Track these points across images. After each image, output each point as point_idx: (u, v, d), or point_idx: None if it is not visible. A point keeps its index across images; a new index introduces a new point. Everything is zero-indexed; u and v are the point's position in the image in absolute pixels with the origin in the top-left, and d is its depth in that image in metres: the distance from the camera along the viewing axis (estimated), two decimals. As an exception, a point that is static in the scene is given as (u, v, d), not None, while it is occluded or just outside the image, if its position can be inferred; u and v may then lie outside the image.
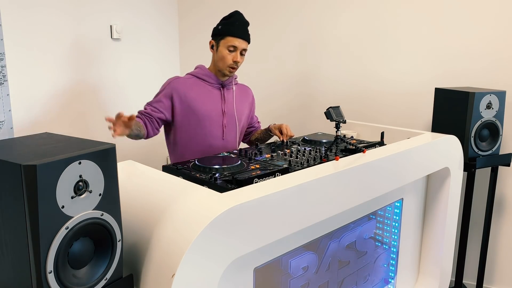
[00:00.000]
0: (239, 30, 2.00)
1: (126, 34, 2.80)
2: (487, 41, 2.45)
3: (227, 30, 2.00)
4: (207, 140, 2.05)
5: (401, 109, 2.72)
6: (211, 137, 2.06)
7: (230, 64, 2.01)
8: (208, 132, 2.05)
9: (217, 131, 2.07)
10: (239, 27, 2.00)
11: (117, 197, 1.08)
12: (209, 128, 2.04)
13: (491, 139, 2.29)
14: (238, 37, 1.99)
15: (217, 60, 2.04)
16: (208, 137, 2.05)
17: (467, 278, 2.65)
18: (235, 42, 1.99)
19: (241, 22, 2.03)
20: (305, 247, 1.50)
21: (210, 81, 2.07)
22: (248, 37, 2.05)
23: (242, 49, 2.01)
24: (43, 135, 1.18)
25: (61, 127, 2.45)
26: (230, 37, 1.99)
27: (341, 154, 1.76)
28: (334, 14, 2.81)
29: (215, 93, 2.08)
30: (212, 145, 2.06)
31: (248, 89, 2.29)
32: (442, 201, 2.08)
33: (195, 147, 2.04)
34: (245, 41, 2.02)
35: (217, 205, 1.12)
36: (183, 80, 2.05)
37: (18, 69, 2.21)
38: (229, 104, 2.11)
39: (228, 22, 2.02)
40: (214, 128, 2.06)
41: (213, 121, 2.05)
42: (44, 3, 2.31)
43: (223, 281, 1.18)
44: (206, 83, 2.07)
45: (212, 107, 2.05)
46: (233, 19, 2.02)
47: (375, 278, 1.92)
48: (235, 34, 1.99)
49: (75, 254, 1.00)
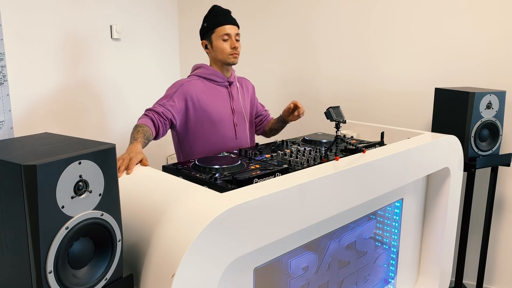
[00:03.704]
0: (225, 18, 1.99)
1: (126, 34, 2.80)
2: (487, 41, 2.45)
3: (214, 23, 1.98)
4: (222, 143, 2.01)
5: (401, 109, 2.72)
6: (225, 138, 2.02)
7: (230, 52, 1.98)
8: (222, 134, 2.01)
9: (230, 131, 2.04)
10: (223, 16, 1.99)
11: (117, 197, 1.07)
12: (222, 130, 2.01)
13: (491, 139, 2.29)
14: (226, 24, 1.97)
15: (216, 55, 2.01)
16: (222, 139, 2.02)
17: (467, 278, 2.65)
18: (226, 30, 1.97)
19: (223, 11, 2.01)
20: (305, 247, 1.50)
21: (218, 80, 2.04)
22: (236, 22, 2.03)
23: (235, 34, 1.99)
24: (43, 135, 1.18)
25: (61, 127, 2.45)
26: (219, 27, 1.97)
27: (341, 154, 1.76)
28: (334, 13, 2.81)
29: (223, 92, 2.05)
30: (226, 146, 2.02)
31: (247, 80, 2.26)
32: (442, 201, 2.08)
33: (209, 151, 1.97)
34: (235, 26, 2.01)
35: (217, 205, 1.12)
36: (194, 84, 1.98)
37: (18, 69, 2.21)
38: (236, 101, 2.09)
39: (210, 16, 2.01)
40: (227, 130, 2.03)
41: (226, 122, 2.02)
42: (44, 3, 2.31)
43: (223, 281, 1.18)
44: (214, 83, 2.04)
45: (223, 108, 2.02)
46: (214, 12, 2.01)
47: (375, 278, 1.92)
48: (223, 23, 1.97)
49: (75, 254, 1.00)
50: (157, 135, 1.83)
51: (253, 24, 3.05)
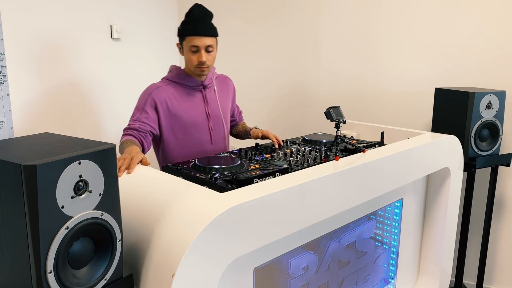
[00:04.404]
0: (198, 27, 1.83)
1: (126, 34, 2.80)
2: (487, 41, 2.45)
3: (186, 30, 1.85)
4: (196, 148, 1.95)
5: (401, 109, 2.71)
6: (199, 143, 1.96)
7: (196, 65, 1.86)
8: (196, 139, 1.95)
9: (204, 136, 1.97)
10: (197, 24, 1.83)
11: (117, 197, 1.08)
12: (197, 135, 1.95)
13: (491, 139, 2.29)
14: (197, 35, 1.82)
15: (185, 63, 1.92)
16: (196, 144, 1.95)
17: (467, 278, 2.65)
18: (195, 42, 1.82)
19: (198, 17, 1.85)
20: (305, 247, 1.50)
21: (189, 84, 1.94)
22: (211, 31, 1.86)
23: (206, 47, 1.84)
24: (43, 135, 1.18)
25: (61, 127, 2.45)
26: (189, 37, 1.84)
27: (341, 154, 1.76)
28: (334, 12, 2.81)
29: (197, 96, 1.96)
30: (201, 151, 1.96)
31: (228, 79, 2.14)
32: (442, 201, 2.08)
33: (185, 157, 1.91)
34: (208, 37, 1.84)
35: (217, 205, 1.12)
36: (164, 90, 1.89)
37: (18, 69, 2.21)
38: (213, 105, 1.99)
39: (186, 20, 1.87)
40: (201, 134, 1.96)
41: (200, 127, 1.95)
42: (44, 3, 2.31)
43: (223, 281, 1.18)
44: (187, 87, 1.94)
45: (196, 113, 1.94)
46: (191, 16, 1.86)
47: (375, 278, 1.92)
48: (193, 33, 1.82)
49: (75, 254, 1.00)
50: (143, 150, 1.78)
51: (252, 22, 3.05)
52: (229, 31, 3.08)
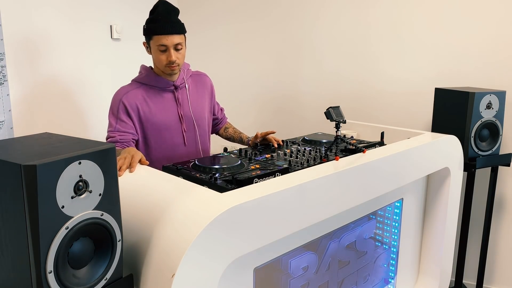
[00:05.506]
0: (164, 26, 1.76)
1: (126, 34, 2.80)
2: (487, 41, 2.45)
3: (152, 29, 1.79)
4: (169, 151, 1.91)
5: (401, 109, 2.72)
6: (172, 146, 1.91)
7: (166, 65, 1.81)
8: (169, 142, 1.90)
9: (177, 139, 1.92)
10: (162, 22, 1.77)
11: (117, 197, 1.08)
12: (169, 138, 1.90)
13: (491, 139, 2.29)
14: (163, 34, 1.76)
15: (154, 63, 1.87)
16: (169, 147, 1.91)
17: (467, 278, 2.65)
18: (163, 40, 1.76)
19: (164, 15, 1.78)
20: (305, 247, 1.50)
21: (160, 86, 1.88)
22: (179, 28, 1.80)
23: (174, 45, 1.78)
24: (43, 135, 1.18)
25: (61, 127, 2.45)
26: (156, 36, 1.77)
27: (341, 154, 1.76)
28: (333, 12, 2.81)
29: (168, 98, 1.90)
30: (174, 154, 1.92)
31: (204, 76, 2.07)
32: (442, 201, 2.08)
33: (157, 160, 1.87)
34: (176, 35, 1.78)
35: (217, 205, 1.12)
36: (134, 93, 1.84)
37: (18, 69, 2.21)
38: (185, 106, 1.94)
39: (151, 18, 1.81)
40: (174, 137, 1.91)
41: (172, 129, 1.90)
42: (44, 3, 2.31)
43: (223, 281, 1.18)
44: (157, 88, 1.88)
45: (168, 115, 1.89)
46: (156, 13, 1.79)
47: (375, 278, 1.92)
48: (160, 31, 1.76)
49: (75, 254, 1.00)
50: None
51: (251, 22, 3.05)
52: (228, 32, 3.08)
